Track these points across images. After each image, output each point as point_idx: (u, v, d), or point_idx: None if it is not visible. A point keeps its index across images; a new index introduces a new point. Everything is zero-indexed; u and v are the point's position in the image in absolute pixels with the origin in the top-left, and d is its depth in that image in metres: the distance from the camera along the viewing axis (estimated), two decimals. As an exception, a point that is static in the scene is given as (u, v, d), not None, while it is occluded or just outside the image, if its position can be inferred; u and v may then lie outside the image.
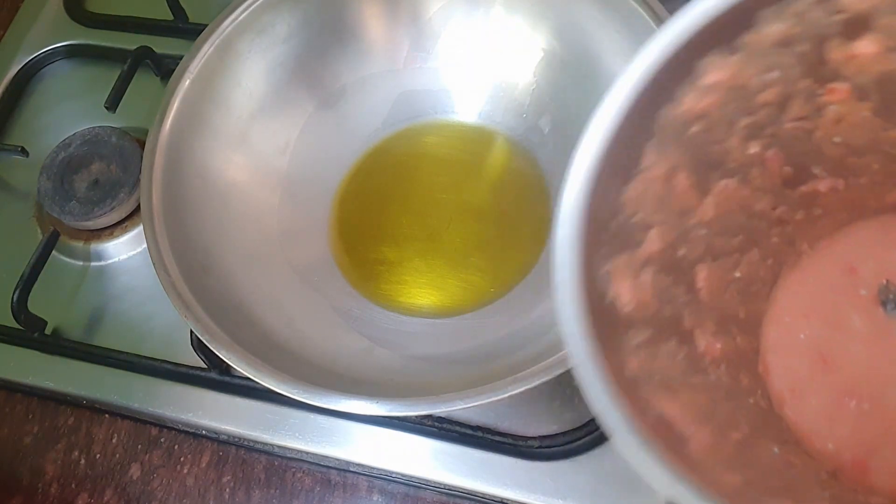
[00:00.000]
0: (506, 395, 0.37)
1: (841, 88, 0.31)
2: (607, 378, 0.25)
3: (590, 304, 0.26)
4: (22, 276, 0.52)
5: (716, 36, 0.27)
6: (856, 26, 0.28)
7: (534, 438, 0.44)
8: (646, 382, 0.27)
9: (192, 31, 0.59)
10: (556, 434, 0.44)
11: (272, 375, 0.40)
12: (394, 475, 0.46)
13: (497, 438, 0.45)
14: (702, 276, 0.33)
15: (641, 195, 0.29)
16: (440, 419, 0.46)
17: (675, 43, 0.27)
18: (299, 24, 0.51)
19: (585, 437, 0.44)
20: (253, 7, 0.50)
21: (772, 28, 0.28)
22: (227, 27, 0.49)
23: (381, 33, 0.53)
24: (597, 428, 0.44)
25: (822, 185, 0.35)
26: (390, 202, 0.52)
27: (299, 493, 0.47)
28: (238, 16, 0.50)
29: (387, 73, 0.53)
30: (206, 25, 0.50)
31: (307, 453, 0.47)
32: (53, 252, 0.54)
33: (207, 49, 0.49)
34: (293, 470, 0.48)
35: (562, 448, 0.44)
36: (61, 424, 0.52)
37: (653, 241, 0.30)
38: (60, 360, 0.52)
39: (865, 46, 0.29)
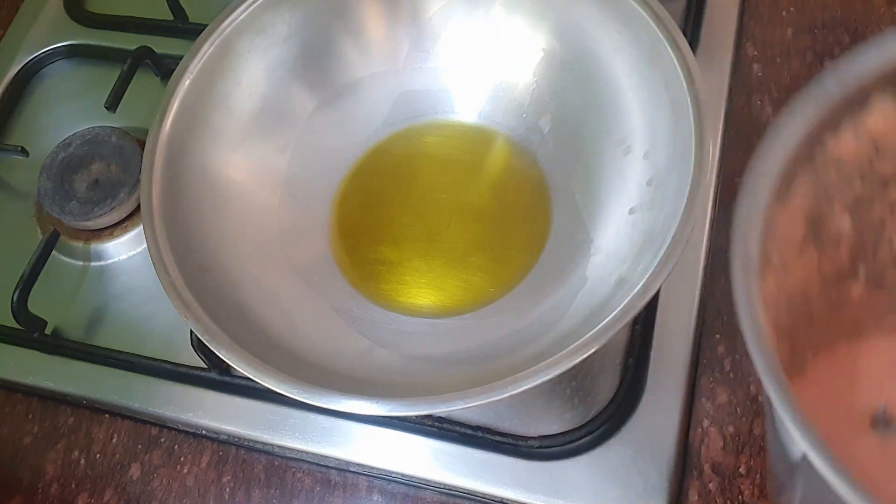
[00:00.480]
0: (506, 395, 0.37)
1: None
2: None
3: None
4: (22, 276, 0.52)
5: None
6: None
7: (534, 438, 0.44)
8: None
9: (192, 31, 0.59)
10: (556, 434, 0.44)
11: (272, 375, 0.40)
12: (394, 475, 0.46)
13: (497, 438, 0.45)
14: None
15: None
16: (440, 419, 0.46)
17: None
18: (299, 24, 0.51)
19: (585, 437, 0.44)
20: (253, 7, 0.50)
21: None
22: (227, 27, 0.49)
23: (381, 33, 0.53)
24: (597, 428, 0.44)
25: (855, 291, 0.35)
26: (390, 202, 0.52)
27: (299, 493, 0.47)
28: (238, 16, 0.50)
29: (387, 73, 0.53)
30: (206, 25, 0.50)
31: (307, 453, 0.47)
32: (53, 252, 0.54)
33: (207, 49, 0.49)
34: (293, 470, 0.48)
35: (562, 448, 0.44)
36: (61, 424, 0.52)
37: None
38: (60, 360, 0.52)
39: None
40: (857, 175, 0.31)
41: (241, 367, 0.40)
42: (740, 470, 0.43)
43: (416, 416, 0.46)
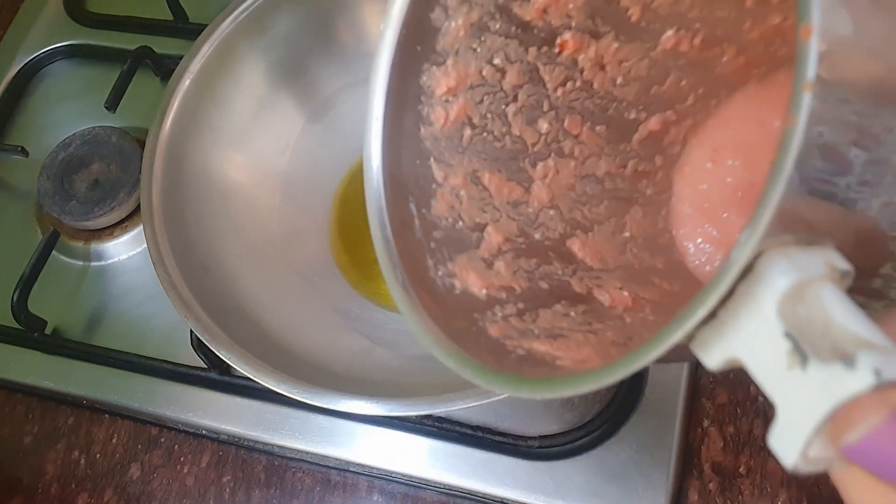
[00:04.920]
0: (506, 395, 0.37)
1: (567, 38, 0.30)
2: (440, 335, 0.25)
3: (429, 300, 0.27)
4: (22, 276, 0.52)
5: (414, 54, 0.28)
6: None
7: (534, 438, 0.44)
8: (516, 338, 0.27)
9: (192, 31, 0.59)
10: (556, 434, 0.44)
11: (272, 375, 0.40)
12: (394, 475, 0.46)
13: (497, 438, 0.45)
14: (577, 248, 0.32)
15: (452, 205, 0.29)
16: (440, 419, 0.46)
17: (386, 74, 0.28)
18: (299, 24, 0.51)
19: (585, 437, 0.44)
20: (253, 7, 0.50)
21: (453, 24, 0.28)
22: (227, 27, 0.49)
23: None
24: (597, 428, 0.44)
25: (653, 124, 0.34)
26: (390, 202, 0.52)
27: (299, 493, 0.47)
28: (238, 16, 0.50)
29: (387, 73, 0.53)
30: (206, 25, 0.50)
31: (307, 453, 0.47)
32: (53, 252, 0.54)
33: (207, 49, 0.49)
34: (293, 470, 0.48)
35: (562, 448, 0.44)
36: (61, 424, 0.52)
37: (492, 237, 0.30)
38: (60, 360, 0.52)
39: None
40: (498, 105, 0.31)
41: (241, 367, 0.41)
42: (740, 470, 0.43)
43: (416, 416, 0.46)
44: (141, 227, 0.53)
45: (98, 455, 0.50)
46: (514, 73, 0.30)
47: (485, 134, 0.30)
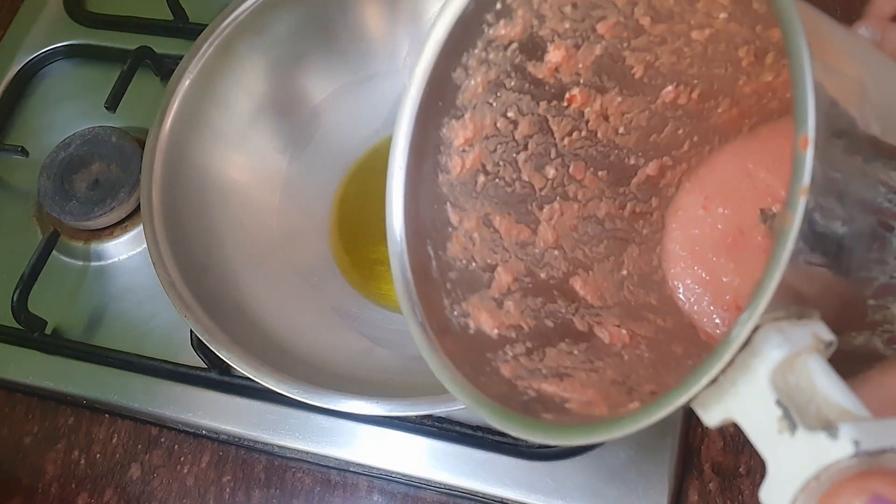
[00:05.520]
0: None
1: (576, 93, 0.33)
2: (465, 384, 0.27)
3: (445, 339, 0.29)
4: (22, 276, 0.52)
5: (436, 109, 0.30)
6: (531, 47, 0.31)
7: (534, 438, 0.44)
8: (526, 377, 0.29)
9: (192, 31, 0.59)
10: (556, 434, 0.44)
11: (272, 375, 0.40)
12: (394, 475, 0.46)
13: (497, 438, 0.45)
14: (579, 286, 0.34)
15: (466, 247, 0.31)
16: (440, 419, 0.46)
17: (409, 127, 0.30)
18: (299, 24, 0.51)
19: (585, 437, 0.44)
20: (253, 7, 0.50)
21: (472, 82, 0.31)
22: (227, 27, 0.49)
23: (381, 33, 0.53)
24: (597, 428, 0.44)
25: (650, 169, 0.36)
26: (390, 202, 0.52)
27: (299, 493, 0.47)
28: (238, 16, 0.50)
29: (387, 73, 0.53)
30: (206, 25, 0.50)
31: (307, 453, 0.47)
32: (53, 252, 0.54)
33: (207, 49, 0.49)
34: (293, 470, 0.48)
35: (562, 448, 0.44)
36: (61, 424, 0.52)
37: (502, 277, 0.32)
38: (60, 360, 0.52)
39: (555, 56, 0.32)
40: (510, 154, 0.33)
41: (241, 367, 0.41)
42: (740, 470, 0.43)
43: (416, 416, 0.46)
44: (141, 227, 0.53)
45: (98, 455, 0.50)
46: (525, 125, 0.33)
47: (497, 180, 0.33)
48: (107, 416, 0.51)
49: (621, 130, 0.35)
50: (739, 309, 0.33)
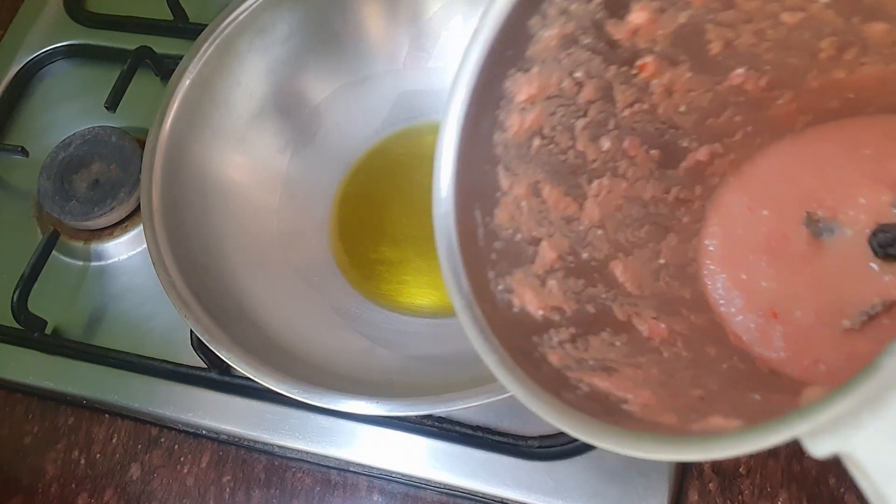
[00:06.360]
0: (506, 395, 0.37)
1: (648, 62, 0.31)
2: (521, 375, 0.25)
3: (492, 315, 0.26)
4: (22, 276, 0.52)
5: (503, 58, 0.28)
6: (616, 3, 0.29)
7: (534, 438, 0.44)
8: (575, 368, 0.27)
9: (192, 31, 0.59)
10: (556, 434, 0.44)
11: (272, 375, 0.40)
12: (394, 475, 0.46)
13: (497, 438, 0.45)
14: (619, 271, 0.33)
15: (514, 215, 0.30)
16: (440, 419, 0.46)
17: (474, 73, 0.28)
18: (299, 24, 0.51)
19: (585, 437, 0.44)
20: (253, 7, 0.50)
21: (547, 33, 0.29)
22: (227, 27, 0.49)
23: (381, 33, 0.53)
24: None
25: (701, 154, 0.35)
26: (390, 202, 0.52)
27: (299, 493, 0.47)
28: (238, 16, 0.50)
29: (387, 73, 0.53)
30: (206, 25, 0.50)
31: (307, 453, 0.47)
32: (53, 252, 0.54)
33: (207, 49, 0.49)
34: (293, 470, 0.48)
35: (562, 448, 0.44)
36: (61, 424, 0.52)
37: (546, 253, 0.30)
38: (60, 360, 0.52)
39: (638, 17, 0.30)
40: (569, 119, 0.31)
41: (241, 367, 0.41)
42: (740, 470, 0.43)
43: (416, 416, 0.46)
44: (141, 227, 0.53)
45: (98, 455, 0.50)
46: (590, 89, 0.31)
47: (551, 146, 0.31)
48: (107, 416, 0.51)
49: (682, 109, 0.33)
50: (776, 316, 0.33)
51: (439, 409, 0.38)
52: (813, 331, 0.33)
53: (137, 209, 0.55)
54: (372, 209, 0.52)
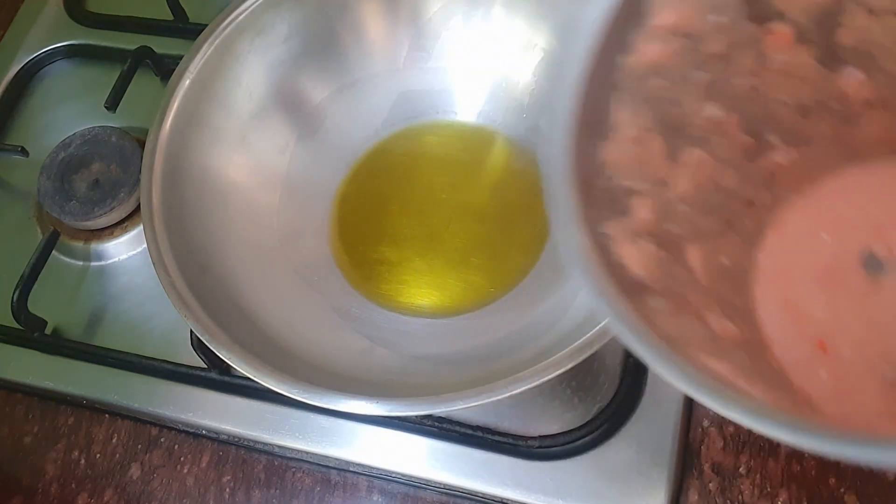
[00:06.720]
0: (506, 395, 0.37)
1: (782, 31, 0.30)
2: (645, 328, 0.24)
3: (600, 258, 0.25)
4: (22, 276, 0.52)
5: None
6: None
7: (534, 438, 0.44)
8: (685, 344, 0.25)
9: (192, 31, 0.59)
10: (556, 434, 0.44)
11: (272, 375, 0.40)
12: (394, 475, 0.46)
13: (497, 438, 0.45)
14: (694, 256, 0.32)
15: (618, 157, 0.28)
16: (440, 419, 0.46)
17: None
18: (299, 24, 0.51)
19: (585, 437, 0.44)
20: (253, 7, 0.50)
21: None
22: (227, 27, 0.49)
23: (381, 33, 0.53)
24: (597, 428, 0.44)
25: (780, 156, 0.34)
26: (390, 202, 0.52)
27: (299, 493, 0.47)
28: (238, 16, 0.50)
29: (387, 73, 0.53)
30: (206, 25, 0.50)
31: (307, 453, 0.47)
32: (53, 252, 0.54)
33: (207, 49, 0.49)
34: (293, 470, 0.48)
35: (562, 448, 0.44)
36: (61, 424, 0.52)
37: (640, 210, 0.29)
38: (60, 360, 0.52)
39: None
40: (689, 67, 0.30)
41: (241, 367, 0.41)
42: (740, 470, 0.43)
43: (416, 416, 0.46)
44: (141, 227, 0.53)
45: (98, 455, 0.50)
46: (717, 40, 0.29)
47: (665, 92, 0.30)
48: (107, 416, 0.51)
49: (783, 97, 0.32)
50: (823, 348, 0.32)
51: (439, 409, 0.38)
52: (859, 373, 0.31)
53: (137, 209, 0.55)
54: (372, 209, 0.52)
